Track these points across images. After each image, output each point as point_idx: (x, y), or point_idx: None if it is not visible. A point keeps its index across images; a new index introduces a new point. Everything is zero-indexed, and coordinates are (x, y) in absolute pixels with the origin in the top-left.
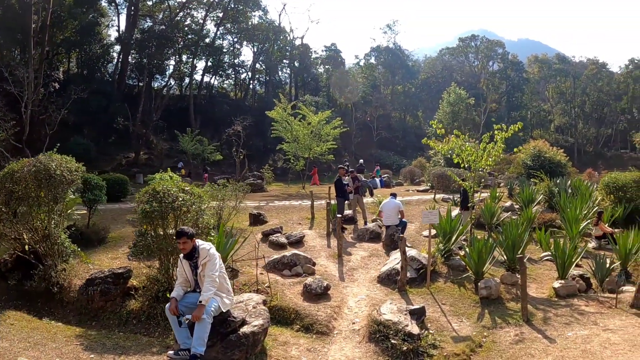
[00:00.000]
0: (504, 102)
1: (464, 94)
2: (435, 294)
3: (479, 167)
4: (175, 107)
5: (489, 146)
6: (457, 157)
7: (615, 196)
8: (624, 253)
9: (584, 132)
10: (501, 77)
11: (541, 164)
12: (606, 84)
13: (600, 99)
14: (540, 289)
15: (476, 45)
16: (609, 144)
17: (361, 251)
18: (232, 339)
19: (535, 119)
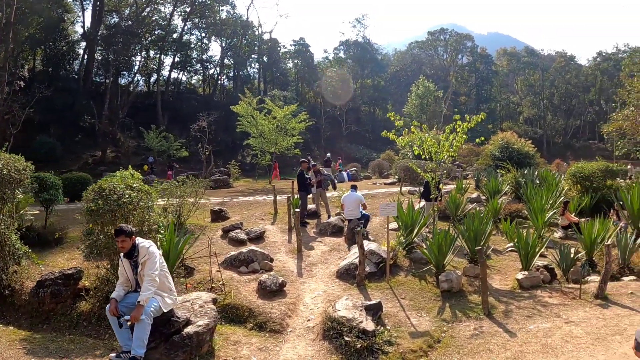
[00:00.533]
0: (473, 95)
1: (433, 86)
2: (395, 288)
3: (440, 158)
4: (143, 104)
5: (450, 137)
6: (418, 149)
7: (582, 186)
8: (589, 242)
9: (552, 123)
10: (470, 70)
11: (509, 155)
12: (574, 76)
13: (569, 91)
14: (504, 281)
15: (445, 38)
16: (578, 135)
17: (322, 246)
18: (175, 340)
19: (504, 111)
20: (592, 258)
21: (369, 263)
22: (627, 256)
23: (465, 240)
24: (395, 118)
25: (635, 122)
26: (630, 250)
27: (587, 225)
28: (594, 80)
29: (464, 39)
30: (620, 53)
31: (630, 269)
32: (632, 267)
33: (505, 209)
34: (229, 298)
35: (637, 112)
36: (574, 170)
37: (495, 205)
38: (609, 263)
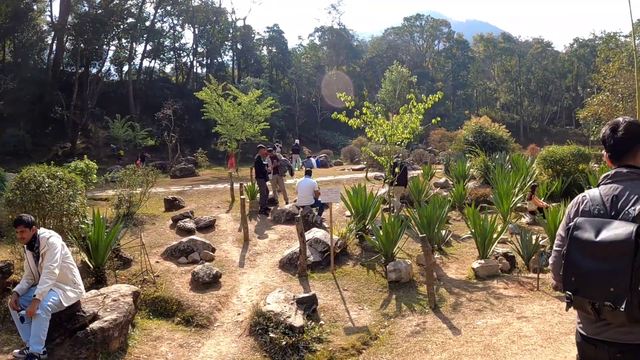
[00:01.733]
0: (450, 81)
1: (406, 71)
2: (339, 278)
3: (395, 140)
4: (116, 93)
5: (405, 117)
6: (371, 131)
7: (553, 170)
8: (553, 229)
9: (529, 109)
10: (446, 56)
11: (483, 140)
12: (551, 62)
13: (546, 77)
14: (461, 270)
15: (421, 24)
16: (555, 121)
17: (273, 234)
18: (79, 336)
19: (481, 97)
20: None
21: (314, 252)
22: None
23: (418, 227)
24: (345, 99)
25: (610, 107)
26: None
27: (552, 210)
28: (570, 67)
29: (441, 25)
30: (597, 40)
31: None
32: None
33: (472, 193)
34: (160, 290)
35: (612, 97)
36: (544, 154)
37: (460, 190)
38: None
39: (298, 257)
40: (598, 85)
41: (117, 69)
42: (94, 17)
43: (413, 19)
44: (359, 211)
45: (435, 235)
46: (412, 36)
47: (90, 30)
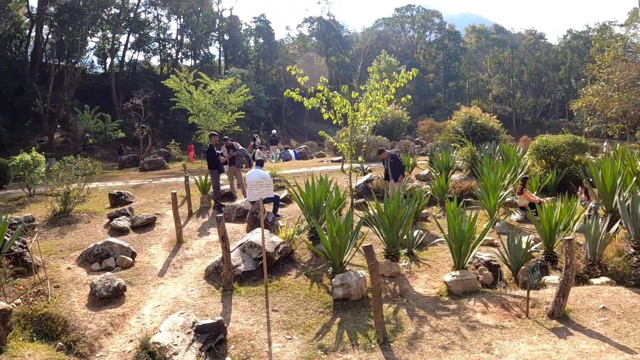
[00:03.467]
0: (442, 72)
1: (395, 61)
2: (274, 293)
3: (358, 123)
4: (99, 86)
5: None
6: (328, 113)
7: (547, 161)
8: (548, 230)
9: (522, 101)
10: (438, 47)
11: (472, 130)
12: (544, 54)
13: (538, 69)
14: (433, 281)
15: (412, 15)
16: (548, 114)
17: (215, 234)
18: None
19: (473, 88)
20: (553, 250)
21: (247, 259)
22: (597, 249)
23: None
24: (296, 72)
25: (605, 98)
26: (602, 242)
27: (546, 207)
28: (564, 59)
29: (432, 16)
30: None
31: (602, 266)
32: (604, 263)
33: (456, 186)
34: (50, 306)
35: (607, 87)
36: (537, 144)
37: (441, 182)
38: (571, 267)
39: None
40: (592, 75)
41: (100, 61)
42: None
43: (404, 10)
44: (309, 208)
45: (401, 237)
46: (403, 27)
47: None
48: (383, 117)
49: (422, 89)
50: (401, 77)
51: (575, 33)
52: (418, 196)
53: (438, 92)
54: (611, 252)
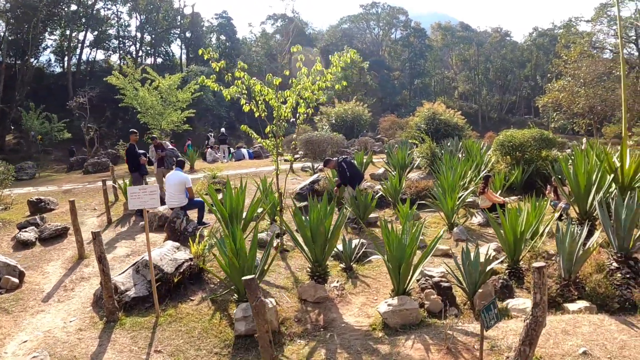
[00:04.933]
0: (407, 70)
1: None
2: (164, 326)
3: (283, 115)
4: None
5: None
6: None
7: (512, 157)
8: (512, 239)
9: (488, 98)
10: (404, 45)
11: (436, 127)
12: (510, 51)
13: (504, 67)
14: (369, 306)
15: (377, 12)
16: (514, 110)
17: (127, 247)
18: None
19: (439, 86)
20: (519, 263)
21: (140, 282)
22: (573, 266)
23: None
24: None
25: (571, 93)
26: (579, 257)
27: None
28: (529, 56)
29: (398, 13)
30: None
31: (579, 286)
32: (581, 282)
33: (412, 186)
34: None
35: (573, 82)
36: (502, 139)
37: (394, 182)
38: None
39: (117, 288)
40: (558, 71)
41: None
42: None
43: (369, 7)
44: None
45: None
46: (368, 24)
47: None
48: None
49: (387, 87)
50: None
51: (541, 31)
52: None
53: (404, 90)
54: (590, 267)
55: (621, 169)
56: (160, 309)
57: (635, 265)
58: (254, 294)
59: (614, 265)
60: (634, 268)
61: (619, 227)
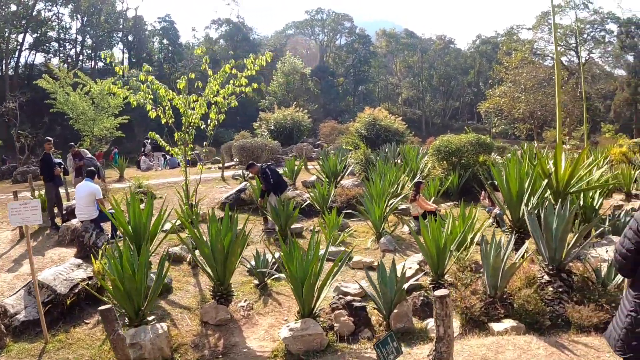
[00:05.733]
0: (351, 76)
1: (300, 63)
2: (52, 353)
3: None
4: None
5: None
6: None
7: (449, 162)
8: (435, 251)
9: (431, 104)
10: (348, 51)
11: (376, 132)
12: (453, 58)
13: (448, 73)
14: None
15: (323, 19)
16: (457, 116)
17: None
18: None
19: (383, 92)
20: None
21: (32, 304)
22: (499, 281)
23: (196, 259)
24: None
25: (512, 99)
26: (505, 272)
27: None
28: (473, 63)
29: (343, 20)
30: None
31: (507, 303)
32: (508, 297)
33: (342, 194)
34: None
35: (514, 88)
36: (438, 144)
37: (322, 190)
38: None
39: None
40: (500, 77)
41: None
42: None
43: (314, 13)
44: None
45: (229, 274)
46: (313, 30)
47: None
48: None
49: (331, 93)
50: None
51: (485, 38)
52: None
53: (348, 96)
54: (519, 281)
55: (555, 174)
56: (51, 334)
57: (568, 278)
58: (111, 326)
59: (545, 279)
60: (567, 281)
61: (549, 237)
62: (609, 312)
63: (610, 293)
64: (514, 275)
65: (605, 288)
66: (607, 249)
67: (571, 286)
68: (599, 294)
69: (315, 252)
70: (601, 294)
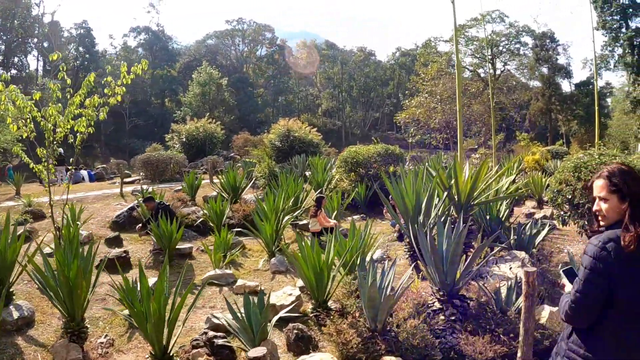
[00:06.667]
0: (271, 87)
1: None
2: None
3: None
4: None
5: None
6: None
7: (357, 174)
8: (312, 274)
9: (351, 115)
10: (268, 62)
11: (290, 144)
12: (373, 70)
13: (368, 85)
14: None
15: (243, 29)
16: (377, 127)
17: None
18: None
19: (303, 103)
20: (327, 304)
21: None
22: (379, 314)
23: (44, 290)
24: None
25: (428, 109)
26: (384, 302)
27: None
28: (392, 75)
29: (264, 30)
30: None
31: (388, 335)
32: (392, 330)
33: (240, 210)
34: None
35: (430, 99)
36: (345, 155)
37: (214, 206)
38: None
39: None
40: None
41: None
42: None
43: (235, 22)
44: None
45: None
46: (234, 40)
47: None
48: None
49: (251, 104)
50: (124, 72)
51: (404, 51)
52: (165, 227)
53: (267, 107)
54: (407, 308)
55: (456, 185)
56: None
57: (462, 305)
58: None
59: (436, 306)
60: (460, 308)
61: (437, 259)
62: (506, 345)
63: (509, 320)
64: (402, 303)
65: (504, 314)
66: (510, 266)
67: (465, 313)
68: (496, 322)
69: (159, 285)
70: (498, 322)
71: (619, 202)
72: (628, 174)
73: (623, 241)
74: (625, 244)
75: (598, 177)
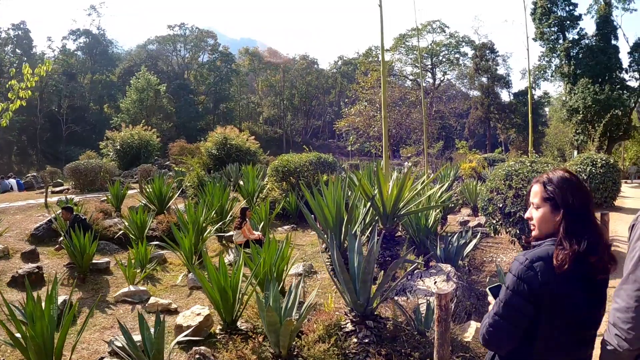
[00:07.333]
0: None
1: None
2: None
3: None
4: None
5: None
6: None
7: (288, 183)
8: (218, 294)
9: (293, 123)
10: (210, 69)
11: (227, 152)
12: (315, 78)
13: (310, 93)
14: None
15: (185, 34)
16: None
17: None
18: None
19: (244, 111)
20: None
21: None
22: (281, 339)
23: None
24: None
25: (368, 117)
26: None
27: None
28: (334, 83)
29: (207, 36)
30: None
31: None
32: (299, 354)
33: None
34: None
35: (370, 107)
36: (276, 164)
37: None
38: None
39: None
40: (357, 96)
41: None
42: None
43: (177, 28)
44: None
45: None
46: (175, 46)
47: None
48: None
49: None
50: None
51: (346, 59)
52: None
53: (208, 115)
54: (318, 330)
55: (380, 195)
56: None
57: (376, 326)
58: None
59: (349, 328)
60: (375, 330)
61: (347, 279)
62: None
63: (428, 342)
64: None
65: (423, 336)
66: (435, 280)
67: (380, 335)
68: (412, 346)
69: (47, 306)
70: (416, 345)
71: (551, 213)
72: (568, 181)
73: (555, 260)
74: (557, 263)
75: (536, 181)
